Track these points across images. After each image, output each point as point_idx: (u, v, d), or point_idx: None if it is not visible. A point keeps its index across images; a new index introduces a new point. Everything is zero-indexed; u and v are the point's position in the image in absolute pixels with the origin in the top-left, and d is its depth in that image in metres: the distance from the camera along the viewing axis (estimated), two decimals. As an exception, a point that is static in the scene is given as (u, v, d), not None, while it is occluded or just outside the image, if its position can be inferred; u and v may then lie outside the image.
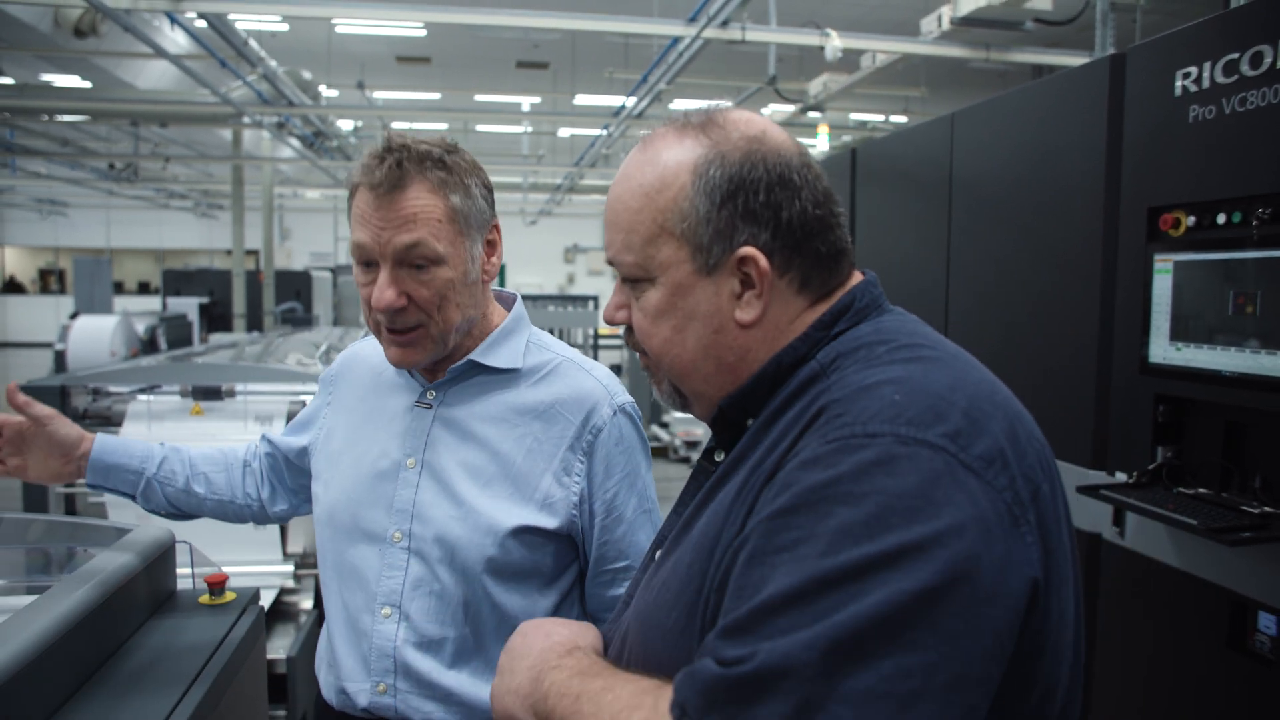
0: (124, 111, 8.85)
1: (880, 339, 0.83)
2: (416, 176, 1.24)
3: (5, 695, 1.00)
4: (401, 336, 1.29)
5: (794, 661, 0.63)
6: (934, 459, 0.69)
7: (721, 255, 0.84)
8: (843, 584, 0.65)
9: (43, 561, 1.85)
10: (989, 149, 3.03)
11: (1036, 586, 0.70)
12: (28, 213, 21.61)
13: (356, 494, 1.34)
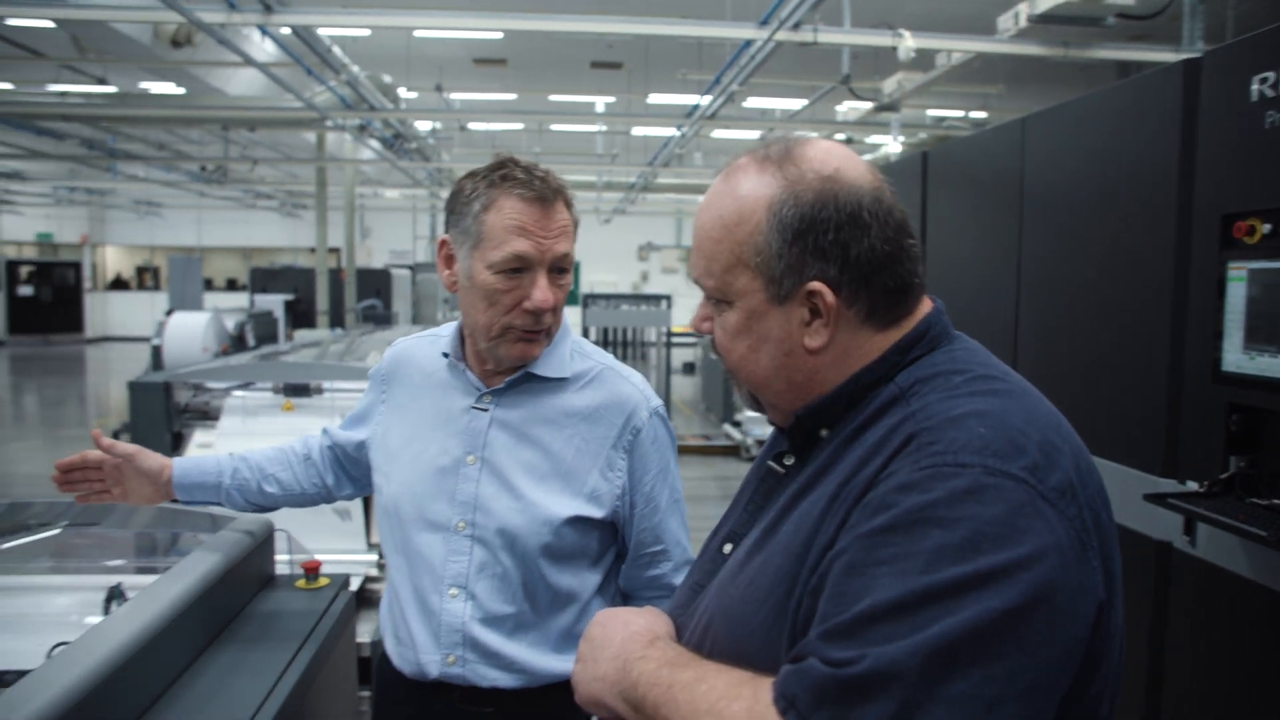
0: (215, 118, 9.22)
1: (955, 368, 0.90)
2: (558, 192, 1.42)
3: (155, 646, 1.14)
4: (534, 335, 1.43)
5: (899, 667, 0.71)
6: (1017, 490, 0.76)
7: (792, 287, 0.91)
8: (940, 599, 0.72)
9: (150, 544, 2.01)
10: (1060, 154, 3.02)
11: (1101, 607, 0.78)
12: (127, 213, 22.58)
13: (419, 487, 1.48)
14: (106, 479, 1.57)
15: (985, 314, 3.51)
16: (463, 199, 1.43)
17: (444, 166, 14.75)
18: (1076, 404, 2.91)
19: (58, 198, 19.47)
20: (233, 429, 3.08)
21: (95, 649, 1.10)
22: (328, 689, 1.47)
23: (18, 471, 8.71)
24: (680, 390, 13.65)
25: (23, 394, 14.44)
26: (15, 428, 11.51)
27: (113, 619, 1.20)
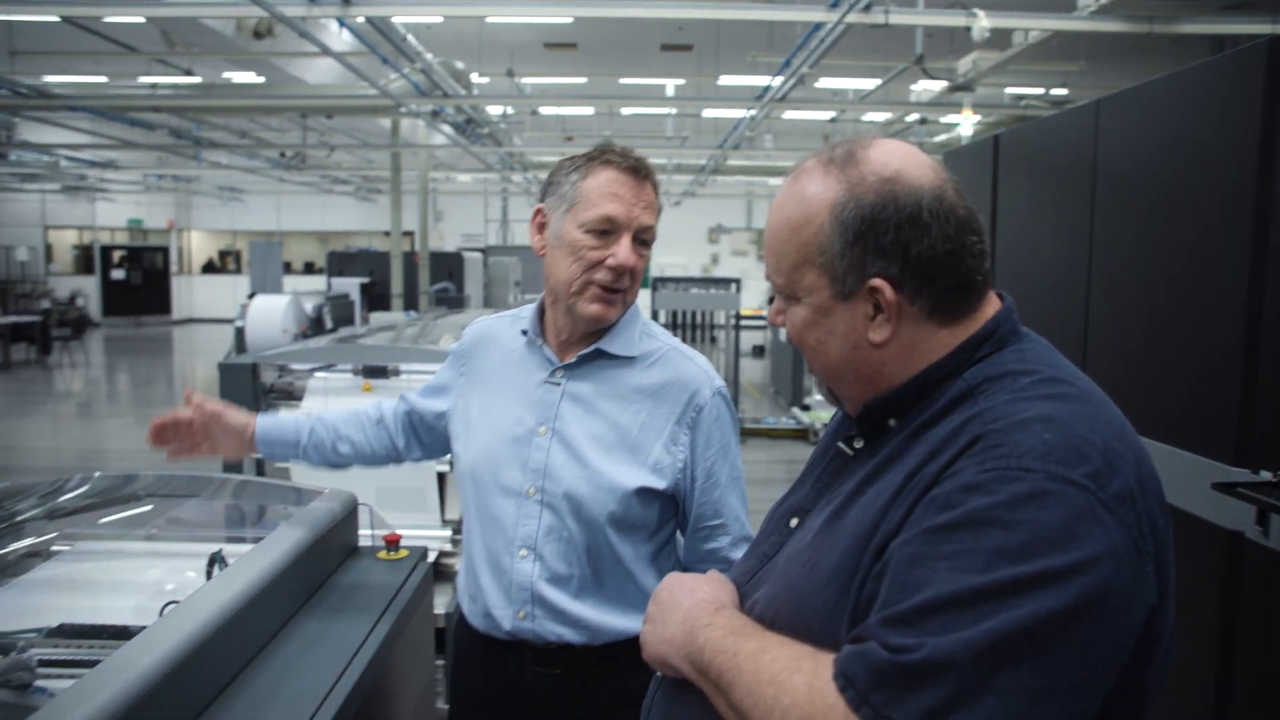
0: (294, 106, 9.48)
1: (1024, 369, 0.93)
2: (649, 172, 1.55)
3: (254, 607, 1.25)
4: (611, 295, 1.53)
5: (954, 658, 0.75)
6: (1078, 496, 0.80)
7: (855, 285, 0.95)
8: (996, 596, 0.76)
9: (242, 516, 2.14)
10: (1136, 138, 2.97)
11: (1153, 611, 0.82)
12: (210, 199, 23.32)
13: (494, 454, 1.58)
14: (196, 435, 1.72)
15: (1055, 301, 3.47)
16: (562, 173, 1.55)
17: (515, 151, 14.92)
18: (1148, 392, 2.88)
19: (147, 185, 20.20)
20: (315, 408, 3.22)
21: (203, 609, 1.20)
22: (407, 654, 1.57)
23: (110, 448, 9.14)
24: (749, 373, 13.64)
25: (116, 373, 15.08)
26: (109, 405, 12.04)
27: (216, 582, 1.31)
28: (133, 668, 1.03)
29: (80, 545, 1.91)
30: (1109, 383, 3.13)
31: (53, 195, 21.67)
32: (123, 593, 1.65)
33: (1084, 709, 0.77)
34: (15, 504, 2.01)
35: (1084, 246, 3.24)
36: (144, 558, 1.84)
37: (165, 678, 1.05)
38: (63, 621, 1.50)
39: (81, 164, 15.61)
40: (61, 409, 11.52)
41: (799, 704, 0.82)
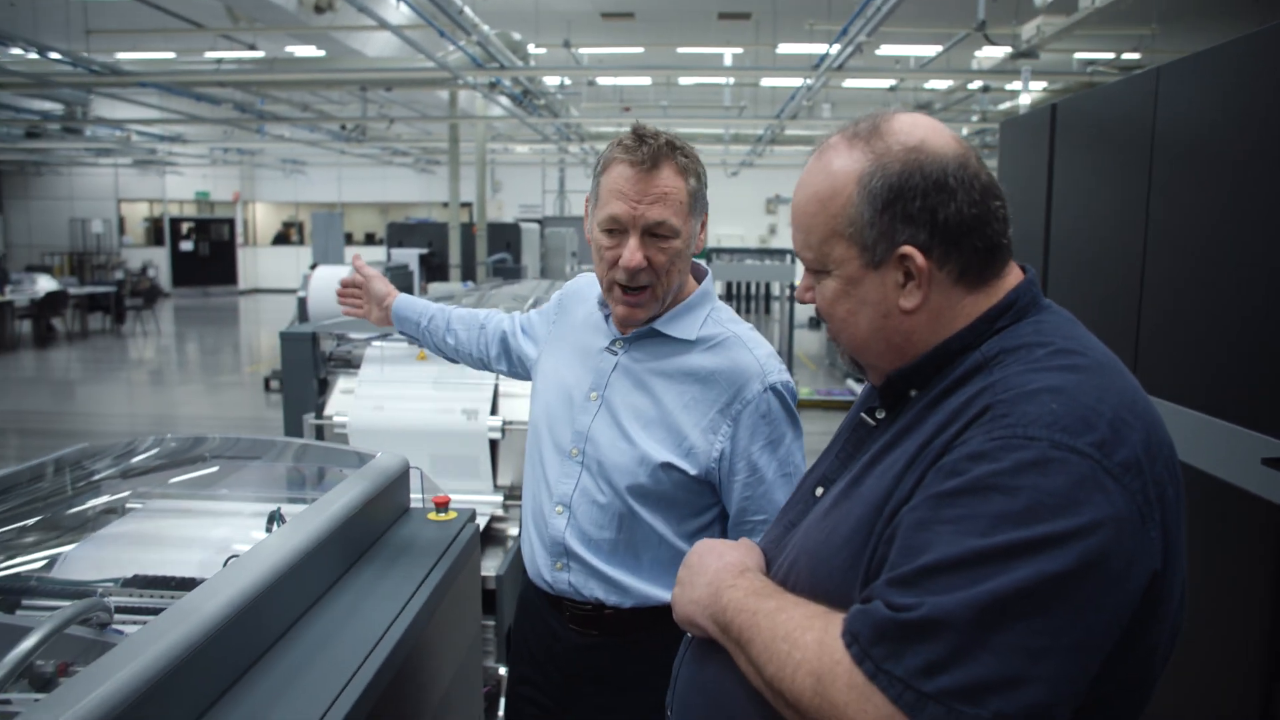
0: (354, 80, 9.62)
1: (1039, 340, 0.95)
2: (668, 158, 1.50)
3: (309, 561, 1.33)
4: (633, 297, 1.54)
5: (952, 616, 0.78)
6: (1081, 464, 0.81)
7: (885, 253, 0.97)
8: (996, 559, 0.79)
9: (308, 477, 2.24)
10: (1197, 107, 2.90)
11: (1155, 575, 0.84)
12: (274, 172, 23.80)
13: (554, 411, 1.66)
14: (362, 297, 2.04)
15: (1110, 271, 3.42)
16: (597, 163, 1.57)
17: (572, 122, 14.94)
18: (1200, 365, 2.83)
19: (213, 158, 20.68)
20: (371, 376, 3.32)
21: (261, 562, 1.29)
22: (453, 610, 1.65)
23: (181, 414, 9.46)
24: (805, 344, 13.57)
25: (185, 342, 15.55)
26: (179, 373, 12.44)
27: (274, 538, 1.39)
28: (196, 614, 1.12)
29: (152, 503, 2.02)
30: (1162, 354, 3.13)
31: (125, 169, 22.33)
32: (190, 547, 1.75)
33: (1082, 667, 0.79)
34: (93, 464, 2.14)
35: (1140, 217, 3.18)
36: (210, 515, 1.94)
37: (225, 624, 1.14)
38: (136, 573, 1.60)
39: (151, 138, 16.05)
40: (135, 376, 11.94)
41: (809, 659, 0.86)
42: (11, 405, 9.85)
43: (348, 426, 3.24)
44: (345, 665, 1.23)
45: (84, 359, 13.05)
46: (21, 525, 1.90)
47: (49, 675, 1.28)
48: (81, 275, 20.58)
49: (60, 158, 20.37)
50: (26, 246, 22.09)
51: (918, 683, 0.78)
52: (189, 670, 1.06)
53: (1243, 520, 2.59)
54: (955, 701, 0.77)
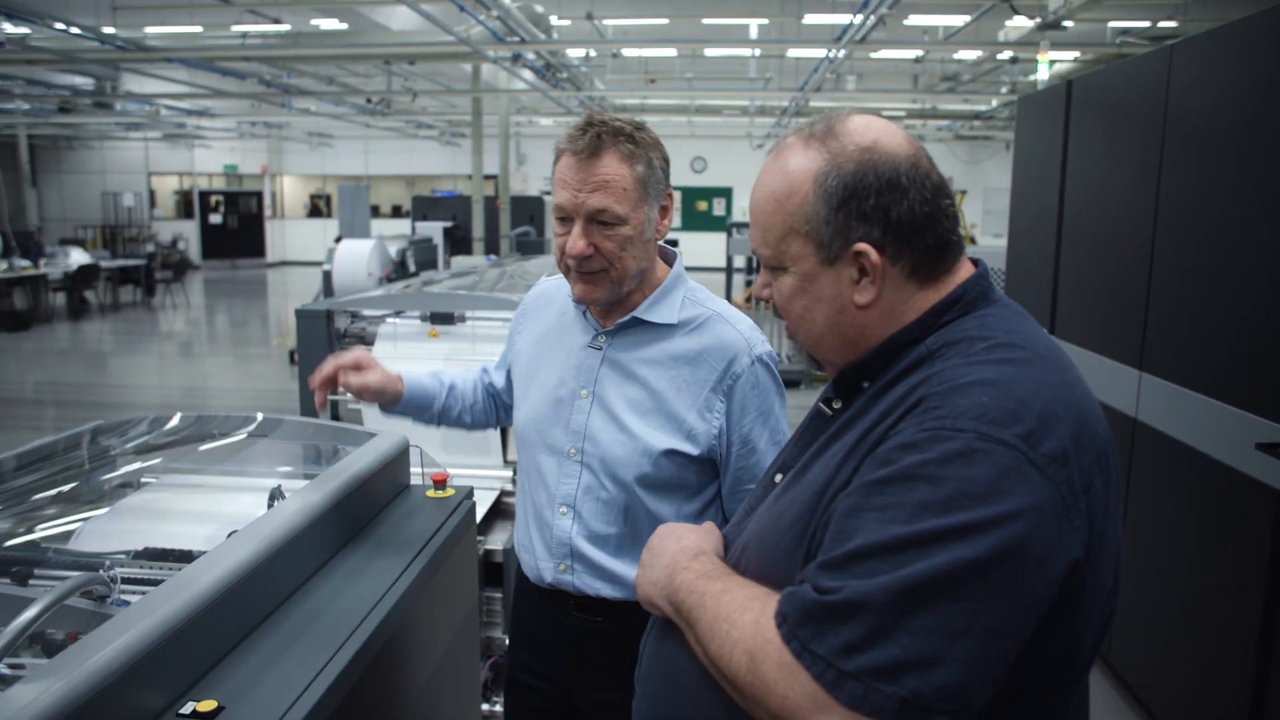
0: (377, 54, 9.65)
1: (981, 334, 0.98)
2: (610, 146, 1.50)
3: (305, 537, 1.40)
4: (588, 277, 1.56)
5: (871, 599, 0.82)
6: (1006, 455, 0.85)
7: (840, 250, 1.00)
8: (917, 545, 0.83)
9: (315, 454, 2.30)
10: (1210, 83, 2.87)
11: (1077, 565, 0.86)
12: (300, 145, 23.94)
13: (541, 414, 1.66)
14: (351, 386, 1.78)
15: (1121, 250, 3.41)
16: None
17: (596, 94, 14.90)
18: (1202, 345, 2.83)
19: (241, 131, 20.83)
20: (385, 353, 3.38)
21: (257, 537, 1.35)
22: (448, 584, 1.71)
23: (209, 386, 9.63)
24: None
25: (214, 315, 15.77)
26: (208, 346, 12.64)
27: (271, 514, 1.45)
28: (191, 587, 1.18)
29: (165, 478, 2.09)
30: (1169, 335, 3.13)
31: (155, 143, 22.54)
32: (199, 521, 1.82)
33: (999, 651, 0.83)
34: (110, 439, 2.22)
35: (1151, 196, 3.17)
36: (218, 491, 2.02)
37: (219, 596, 1.20)
38: (146, 545, 1.67)
39: (180, 112, 16.19)
40: (165, 348, 12.14)
41: (745, 638, 0.91)
42: (47, 377, 10.07)
43: (362, 402, 3.31)
44: (335, 636, 1.29)
45: (116, 331, 13.28)
46: (42, 498, 1.98)
47: (60, 642, 1.36)
48: (113, 248, 20.87)
49: (91, 132, 20.61)
50: (60, 220, 22.42)
51: (839, 661, 0.82)
52: (183, 639, 1.12)
53: (1239, 504, 2.60)
54: (873, 680, 0.81)
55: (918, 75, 14.89)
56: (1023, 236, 4.60)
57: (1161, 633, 3.09)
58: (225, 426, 2.35)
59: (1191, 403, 2.87)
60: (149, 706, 1.07)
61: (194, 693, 1.13)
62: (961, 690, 0.81)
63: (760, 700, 0.88)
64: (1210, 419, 2.75)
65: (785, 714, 0.86)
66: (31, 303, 13.75)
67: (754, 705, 0.90)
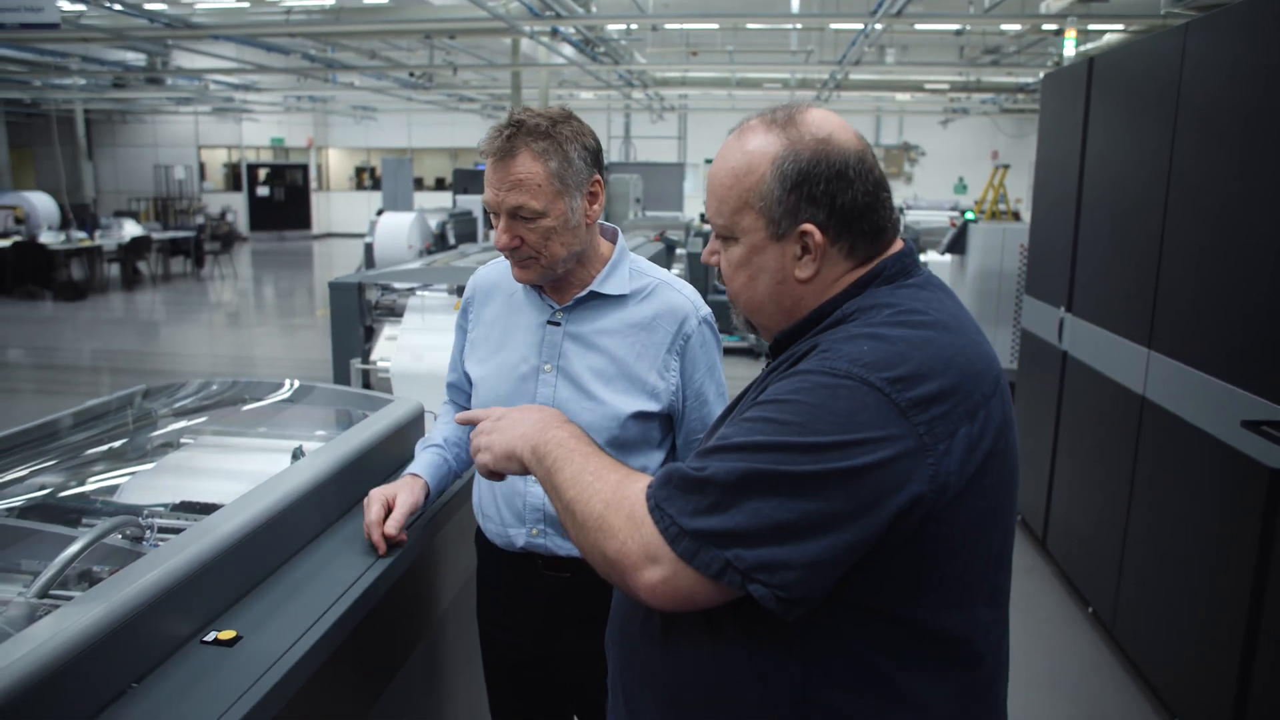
0: (419, 29, 9.78)
1: (890, 302, 1.09)
2: (522, 147, 1.59)
3: (321, 491, 1.55)
4: (520, 263, 1.67)
5: (720, 479, 0.98)
6: (869, 394, 0.97)
7: (788, 228, 1.10)
8: (772, 450, 0.97)
9: (340, 419, 2.46)
10: (1222, 62, 2.89)
11: (924, 497, 0.97)
12: (345, 119, 24.26)
13: (504, 391, 1.75)
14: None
15: (1135, 228, 3.44)
16: None
17: (636, 68, 14.92)
18: (1203, 323, 2.88)
19: (287, 105, 21.17)
20: (413, 324, 3.54)
21: (275, 490, 1.50)
22: (453, 536, 1.86)
23: (258, 354, 9.92)
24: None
25: (261, 285, 16.15)
26: (255, 315, 12.98)
27: (290, 470, 1.60)
28: (214, 532, 1.33)
29: (202, 438, 2.27)
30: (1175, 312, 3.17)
31: (204, 116, 22.99)
32: (230, 478, 1.98)
33: (825, 550, 0.95)
34: (152, 402, 2.39)
35: (1164, 174, 3.20)
36: (250, 451, 2.18)
37: (240, 541, 1.35)
38: (182, 499, 1.84)
39: (228, 87, 16.51)
40: (214, 318, 12.50)
41: (605, 490, 1.08)
42: (103, 345, 10.45)
43: (390, 371, 3.48)
44: (344, 579, 1.44)
45: (167, 301, 13.69)
46: (92, 454, 2.16)
47: (103, 578, 1.52)
48: (165, 220, 21.38)
49: (144, 106, 21.09)
50: (114, 192, 23.00)
51: (682, 520, 0.99)
52: (207, 577, 1.28)
53: (1234, 479, 2.67)
54: (705, 541, 0.97)
55: (961, 47, 14.70)
56: (1045, 215, 4.63)
57: (1162, 603, 3.16)
58: (259, 391, 2.51)
59: (1192, 380, 2.92)
60: (176, 633, 1.23)
61: (216, 624, 1.29)
62: (778, 567, 0.95)
63: (598, 543, 1.05)
64: (1208, 396, 2.81)
65: (619, 558, 1.02)
66: (88, 273, 14.19)
67: (590, 547, 1.07)
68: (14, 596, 1.33)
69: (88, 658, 1.06)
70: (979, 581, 1.06)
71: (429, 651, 1.78)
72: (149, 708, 1.11)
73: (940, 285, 1.16)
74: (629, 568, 1.02)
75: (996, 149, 21.73)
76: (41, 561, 1.46)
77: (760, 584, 0.95)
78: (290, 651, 1.23)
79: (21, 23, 6.84)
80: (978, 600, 1.07)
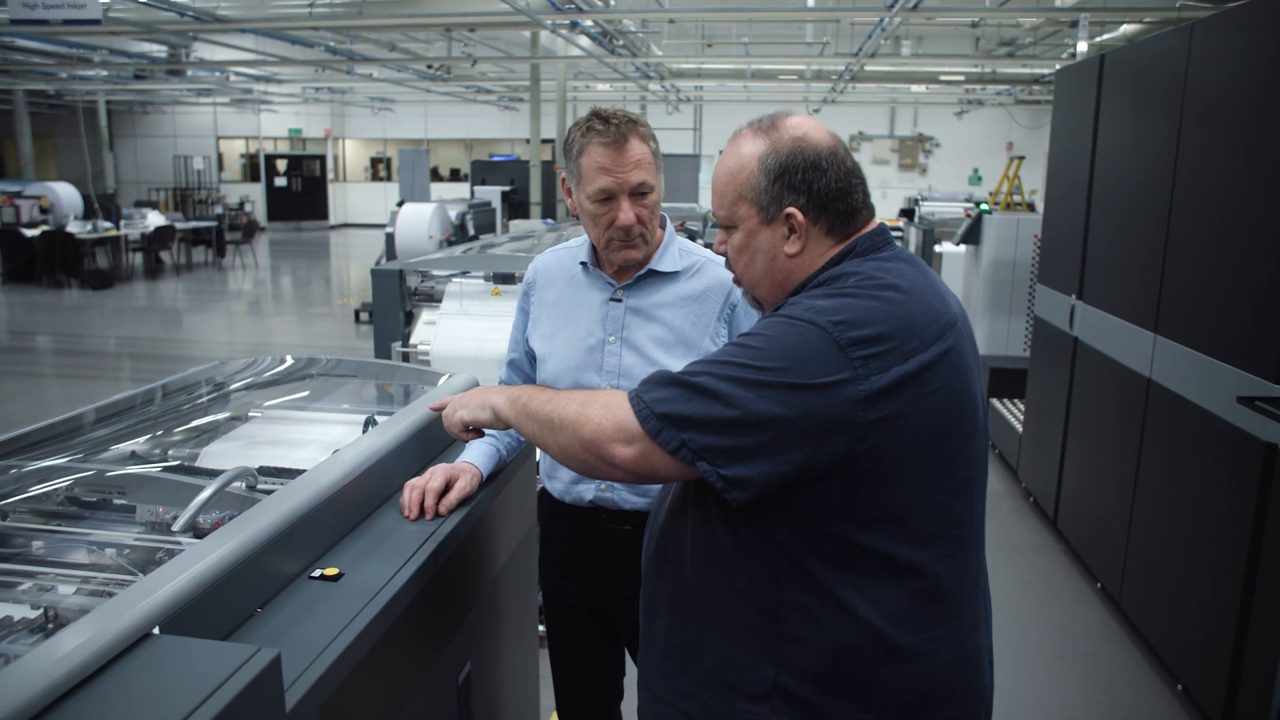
0: (438, 23, 9.93)
1: (858, 271, 1.30)
2: (631, 133, 1.81)
3: (394, 456, 1.74)
4: (629, 242, 1.86)
5: (689, 380, 1.23)
6: (815, 333, 1.20)
7: (775, 212, 1.34)
8: (731, 365, 1.22)
9: (388, 394, 2.64)
10: (1227, 61, 3.03)
11: (856, 421, 1.17)
12: (363, 110, 24.46)
13: (574, 361, 1.94)
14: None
15: (1142, 221, 3.59)
16: (567, 147, 1.86)
17: (653, 60, 15.04)
18: (1206, 307, 3.03)
19: (305, 96, 21.35)
20: (452, 310, 3.71)
21: (362, 449, 1.67)
22: (510, 503, 2.03)
23: (277, 343, 10.13)
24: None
25: (280, 275, 16.37)
26: (275, 305, 13.19)
27: (370, 434, 1.78)
28: (315, 484, 1.51)
29: (270, 411, 2.44)
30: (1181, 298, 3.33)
31: (223, 108, 23.22)
32: (305, 446, 2.16)
33: (764, 450, 1.19)
34: (222, 378, 2.57)
35: (1169, 167, 3.34)
36: (317, 423, 2.36)
37: (337, 491, 1.53)
38: (262, 464, 2.01)
39: (247, 78, 16.71)
40: (235, 307, 12.72)
41: (581, 396, 1.36)
42: (128, 332, 10.68)
43: (430, 354, 3.65)
44: (427, 527, 1.62)
45: (190, 290, 13.92)
46: (168, 428, 2.34)
47: (207, 529, 1.70)
48: (185, 210, 21.65)
49: (164, 97, 21.32)
50: (134, 183, 23.29)
51: (654, 406, 1.24)
52: (312, 521, 1.45)
53: (1230, 455, 2.82)
54: (667, 423, 1.23)
55: (977, 39, 14.77)
56: (1057, 206, 4.77)
57: (1166, 577, 3.31)
58: (315, 368, 2.69)
59: (1195, 362, 3.07)
60: (288, 570, 1.40)
61: (321, 562, 1.46)
62: (721, 455, 1.20)
63: (576, 432, 1.31)
64: (1209, 376, 2.96)
65: (593, 438, 1.28)
66: (113, 262, 14.44)
67: (568, 442, 1.33)
68: (153, 537, 1.51)
69: (226, 583, 1.24)
70: (919, 500, 1.25)
71: (491, 598, 1.96)
72: (271, 630, 1.28)
73: (908, 257, 1.36)
74: (605, 441, 1.27)
75: (1012, 140, 21.75)
76: (158, 508, 1.64)
77: (706, 463, 1.21)
78: (386, 587, 1.41)
79: (65, 19, 7.05)
80: (920, 519, 1.26)
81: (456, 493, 1.75)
